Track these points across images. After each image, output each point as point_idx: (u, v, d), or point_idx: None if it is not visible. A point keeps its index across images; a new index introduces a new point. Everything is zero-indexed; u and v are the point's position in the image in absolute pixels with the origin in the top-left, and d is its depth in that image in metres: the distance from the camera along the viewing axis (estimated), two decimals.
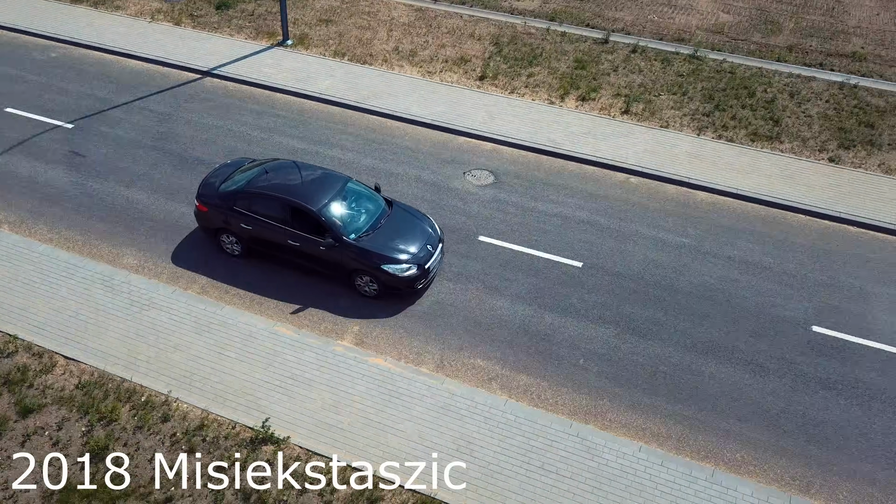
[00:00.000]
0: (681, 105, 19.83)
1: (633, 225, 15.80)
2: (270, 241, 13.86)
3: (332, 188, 13.84)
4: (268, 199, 13.63)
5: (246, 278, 14.12)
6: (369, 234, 13.56)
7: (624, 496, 10.49)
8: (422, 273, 13.38)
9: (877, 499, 10.73)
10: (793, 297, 14.08)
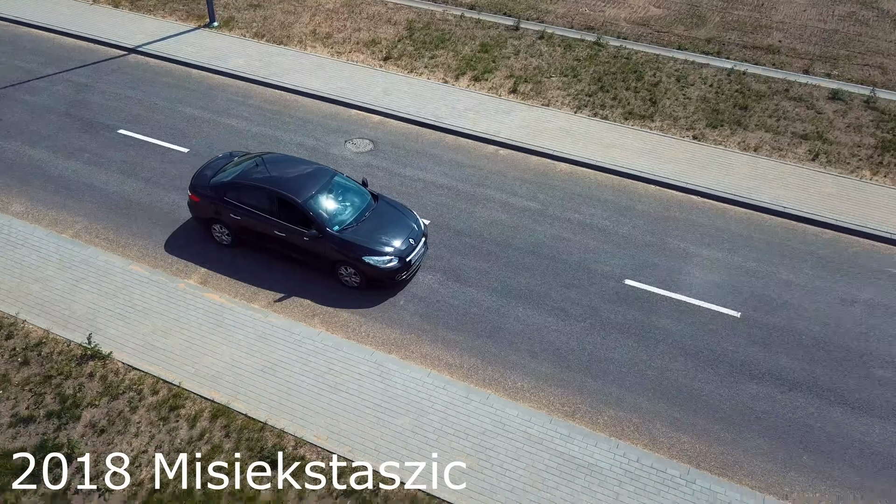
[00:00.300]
0: (568, 86, 21.02)
1: (488, 191, 17.03)
2: (258, 232, 14.33)
3: (318, 181, 14.25)
4: (256, 190, 14.11)
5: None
6: (353, 226, 13.94)
7: (399, 412, 11.74)
8: (403, 266, 13.77)
9: (634, 424, 11.85)
10: (616, 254, 15.22)
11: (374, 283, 13.94)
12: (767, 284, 14.59)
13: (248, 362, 12.48)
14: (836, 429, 11.88)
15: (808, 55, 24.23)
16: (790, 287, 14.55)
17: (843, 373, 12.80)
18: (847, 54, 25.13)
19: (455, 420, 11.65)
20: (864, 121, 19.97)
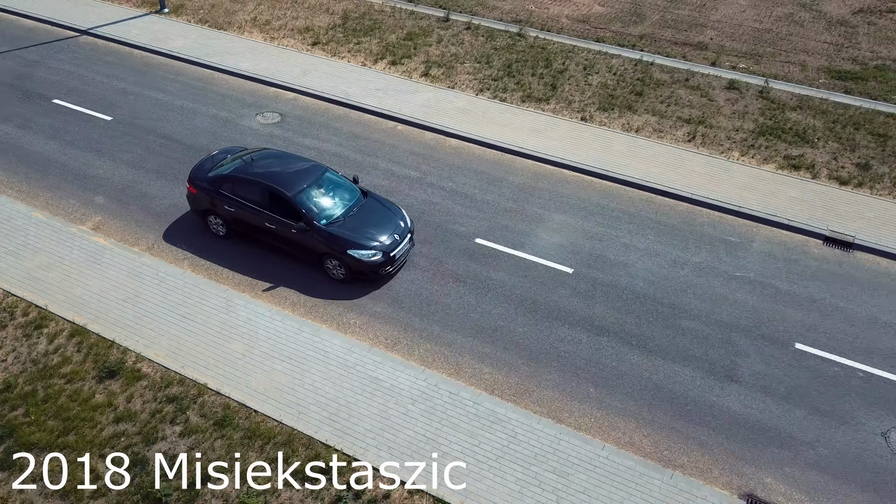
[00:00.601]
0: (478, 71, 22.47)
1: (376, 160, 18.52)
2: (250, 224, 14.95)
3: (308, 176, 14.83)
4: (249, 183, 14.72)
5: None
6: (340, 220, 14.45)
7: (235, 338, 13.24)
8: (387, 260, 14.25)
9: (444, 356, 13.20)
10: (475, 217, 16.60)
11: (358, 276, 14.42)
12: (608, 247, 15.85)
13: (114, 294, 14.11)
14: (629, 369, 13.11)
15: (735, 52, 25.36)
16: (628, 250, 15.80)
17: (651, 323, 14.02)
18: (773, 52, 26.20)
19: (283, 347, 13.13)
20: (751, 108, 21.10)
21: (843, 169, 18.49)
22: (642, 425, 12.11)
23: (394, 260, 14.45)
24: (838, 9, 30.14)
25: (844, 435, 12.02)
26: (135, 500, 10.63)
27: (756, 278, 15.14)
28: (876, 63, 25.29)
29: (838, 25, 28.49)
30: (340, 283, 14.69)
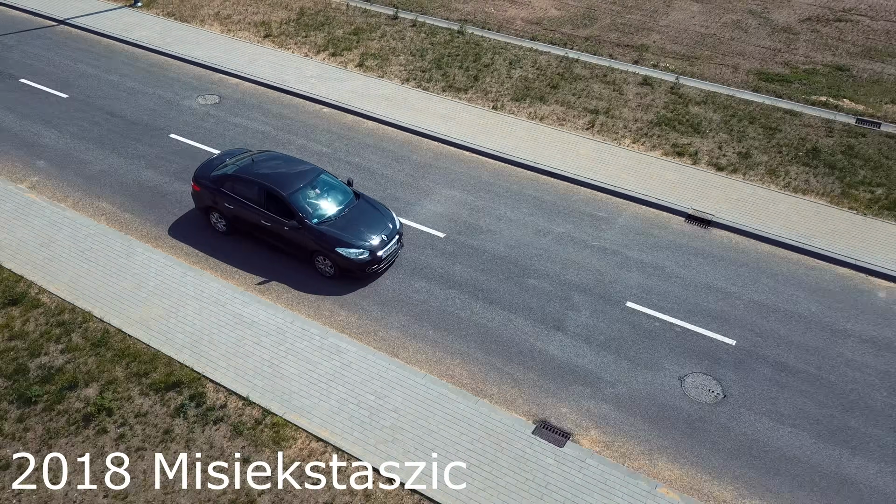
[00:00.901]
0: (410, 63, 24.33)
1: (294, 137, 20.46)
2: (248, 221, 15.80)
3: (304, 178, 15.66)
4: (248, 183, 15.58)
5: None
6: (331, 220, 15.21)
7: (127, 278, 15.21)
8: (373, 259, 15.00)
9: (308, 301, 14.99)
10: (370, 188, 18.34)
11: (346, 273, 15.17)
12: (483, 217, 17.53)
13: (32, 240, 16.19)
14: (469, 316, 14.75)
15: (674, 54, 26.81)
16: (500, 220, 17.45)
17: (501, 280, 15.65)
18: (710, 55, 27.62)
19: (166, 288, 15.05)
20: (657, 102, 22.60)
21: (724, 157, 19.91)
22: (467, 362, 13.75)
23: (380, 260, 15.15)
24: (786, 17, 31.40)
25: (645, 378, 13.52)
26: (10, 398, 12.60)
27: (610, 247, 16.68)
28: (807, 67, 26.55)
29: (782, 32, 29.77)
30: (329, 277, 15.42)
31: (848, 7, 32.76)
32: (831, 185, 18.90)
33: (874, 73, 26.29)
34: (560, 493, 11.37)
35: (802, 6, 32.85)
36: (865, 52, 28.12)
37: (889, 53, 28.05)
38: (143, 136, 20.24)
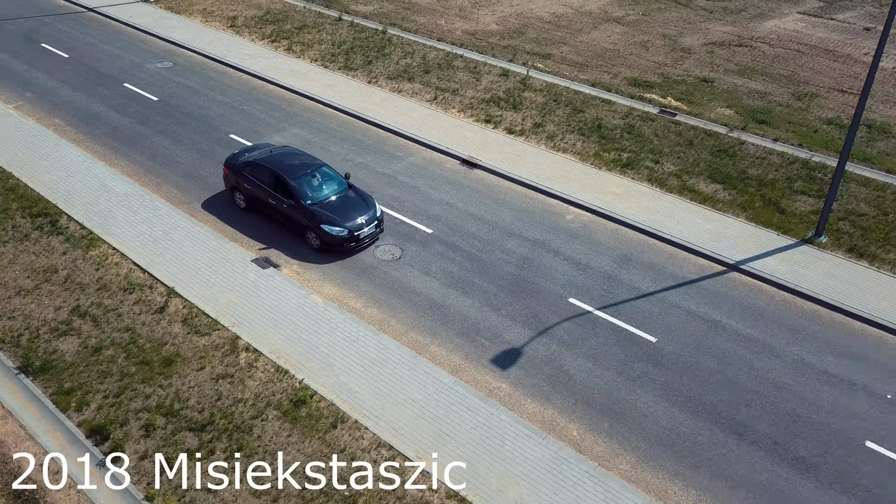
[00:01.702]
0: (327, 51, 31.42)
1: (212, 92, 27.83)
2: (260, 199, 19.45)
3: (307, 168, 19.25)
4: (263, 168, 19.39)
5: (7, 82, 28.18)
6: (321, 203, 18.57)
7: (161, 242, 22.81)
8: (351, 238, 18.24)
9: (177, 192, 22.03)
10: (240, 123, 25.33)
11: (328, 247, 18.36)
12: (313, 148, 24.06)
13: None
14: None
15: (570, 62, 32.44)
16: (324, 151, 23.92)
17: None
18: (601, 64, 33.15)
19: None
20: (501, 88, 28.50)
21: (520, 125, 25.61)
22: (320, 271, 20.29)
23: (357, 239, 18.38)
24: (693, 41, 36.33)
25: (363, 253, 19.50)
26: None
27: (392, 174, 22.82)
28: (677, 78, 31.59)
29: (679, 52, 34.83)
30: (316, 250, 18.90)
31: (757, 36, 37.28)
32: (590, 148, 24.24)
33: (733, 85, 30.99)
34: (261, 295, 17.64)
35: (716, 32, 37.63)
36: (740, 71, 32.74)
37: (760, 72, 32.56)
38: (105, 83, 28.22)
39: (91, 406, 14.44)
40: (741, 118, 27.58)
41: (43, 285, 17.65)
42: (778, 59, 34.31)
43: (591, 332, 16.72)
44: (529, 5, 40.58)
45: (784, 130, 26.80)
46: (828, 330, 17.04)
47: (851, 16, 40.27)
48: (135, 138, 24.35)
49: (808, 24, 39.22)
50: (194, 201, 21.12)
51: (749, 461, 13.87)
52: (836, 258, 19.23)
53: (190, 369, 15.34)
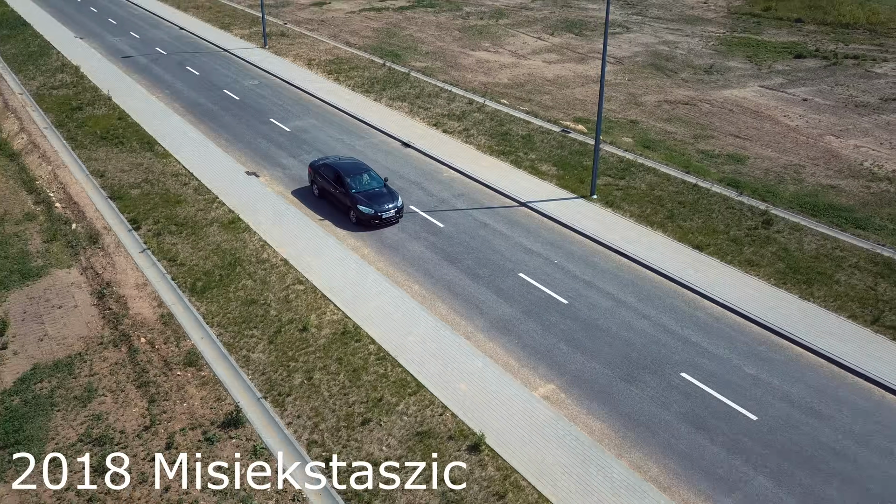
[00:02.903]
0: (362, 81, 46.43)
1: (274, 98, 43.56)
2: (325, 189, 29.36)
3: (357, 170, 29.13)
4: (330, 168, 29.36)
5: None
6: (363, 193, 27.99)
7: (264, 210, 39.29)
8: (375, 216, 27.34)
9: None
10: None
11: (361, 222, 27.57)
12: (310, 135, 38.64)
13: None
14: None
15: (538, 103, 45.44)
16: (317, 139, 38.39)
17: (294, 145, 36.72)
18: (562, 107, 45.54)
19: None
20: (458, 110, 41.80)
21: (454, 129, 38.65)
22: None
23: (380, 218, 27.50)
24: (651, 99, 47.58)
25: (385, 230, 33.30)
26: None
27: (358, 147, 36.72)
28: (613, 119, 43.30)
29: (633, 105, 46.36)
30: (355, 223, 28.30)
31: (706, 99, 47.75)
32: (488, 143, 36.76)
33: (652, 126, 42.11)
34: (244, 191, 32.03)
35: (675, 94, 48.53)
36: (668, 119, 43.69)
37: (683, 121, 43.19)
38: (213, 90, 44.95)
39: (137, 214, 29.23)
40: (635, 143, 38.68)
41: (135, 169, 33.19)
42: (708, 114, 44.68)
43: (412, 220, 29.18)
44: (543, 69, 53.59)
45: (657, 152, 37.51)
46: (570, 243, 28.22)
47: (802, 90, 49.30)
48: (215, 115, 40.38)
49: (759, 94, 48.87)
50: (236, 151, 36.28)
51: (478, 293, 25.64)
52: (596, 207, 30.26)
53: (248, 270, 29.75)
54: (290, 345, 21.52)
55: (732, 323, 22.96)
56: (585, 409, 19.30)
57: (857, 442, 18.30)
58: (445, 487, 16.63)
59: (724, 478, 17.28)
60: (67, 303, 23.45)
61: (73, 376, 20.00)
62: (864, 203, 31.80)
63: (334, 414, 18.90)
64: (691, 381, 20.27)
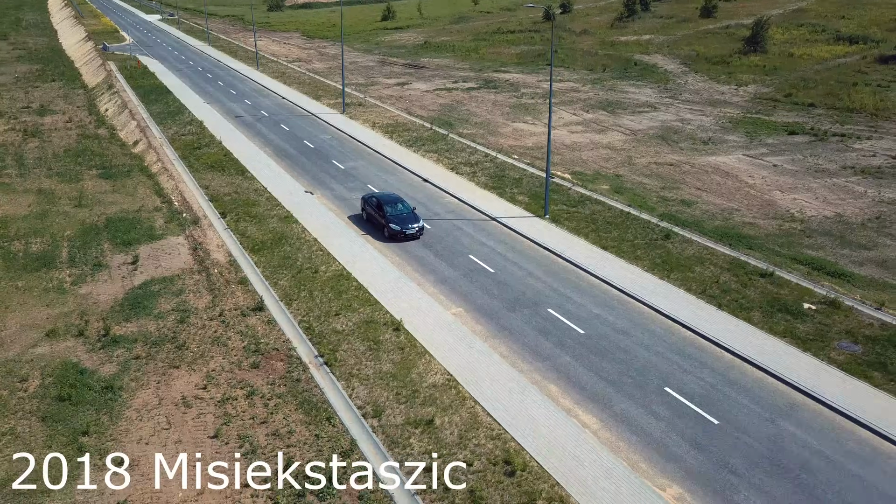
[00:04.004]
0: (408, 139, 61.04)
1: (337, 145, 58.71)
2: (370, 213, 40.16)
3: (393, 201, 39.93)
4: (374, 199, 40.28)
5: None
6: (393, 216, 38.41)
7: (316, 214, 55.01)
8: (401, 232, 37.94)
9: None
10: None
11: (392, 238, 38.10)
12: (358, 166, 53.06)
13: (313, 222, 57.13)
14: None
15: (548, 160, 58.49)
16: (367, 171, 52.75)
17: (332, 156, 51.17)
18: (566, 163, 58.25)
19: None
20: (473, 159, 55.21)
21: (464, 171, 51.95)
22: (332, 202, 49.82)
23: (405, 233, 38.11)
24: (644, 161, 59.52)
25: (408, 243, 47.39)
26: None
27: (392, 182, 50.72)
28: (603, 173, 55.58)
29: (626, 164, 58.44)
30: (387, 238, 39.19)
31: (690, 161, 58.94)
32: (487, 182, 49.71)
33: (630, 179, 54.02)
34: (300, 202, 46.56)
35: (666, 157, 60.09)
36: (649, 175, 55.38)
37: (661, 177, 54.75)
38: (295, 140, 60.67)
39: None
40: (610, 189, 50.57)
41: (229, 185, 48.44)
42: (685, 173, 55.89)
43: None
44: (564, 137, 66.31)
45: (623, 195, 49.07)
46: (514, 241, 40.50)
47: (777, 159, 59.31)
48: (292, 156, 55.71)
49: (738, 160, 59.35)
50: (301, 178, 51.11)
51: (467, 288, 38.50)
52: (544, 222, 42.36)
53: (289, 243, 44.34)
54: (304, 279, 34.86)
55: (599, 288, 34.34)
56: (475, 321, 31.25)
57: (645, 347, 29.21)
58: (375, 344, 29.07)
59: (545, 356, 28.63)
60: (175, 252, 37.94)
61: (172, 283, 34.12)
62: (768, 234, 42.18)
63: (320, 310, 31.87)
64: (553, 314, 31.79)
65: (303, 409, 24.87)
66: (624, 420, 24.67)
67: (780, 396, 26.01)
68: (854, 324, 30.80)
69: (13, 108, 76.83)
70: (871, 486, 21.86)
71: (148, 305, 31.92)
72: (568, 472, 22.00)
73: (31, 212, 44.41)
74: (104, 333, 29.42)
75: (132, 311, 31.51)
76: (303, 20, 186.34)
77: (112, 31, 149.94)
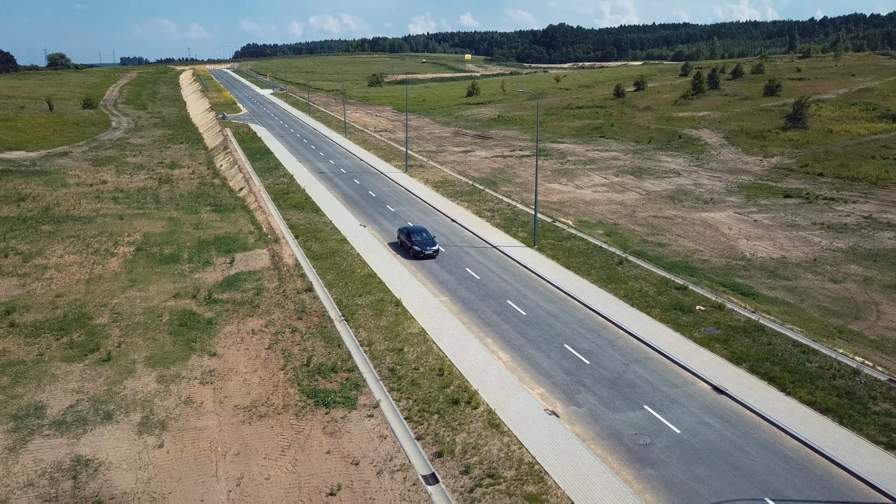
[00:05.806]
0: (451, 192, 77.38)
1: (392, 195, 75.72)
2: (402, 240, 56.34)
3: (421, 232, 55.71)
4: (406, 230, 56.33)
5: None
6: (417, 241, 54.49)
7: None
8: (421, 252, 54.01)
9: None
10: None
11: (415, 257, 54.24)
12: (407, 212, 69.64)
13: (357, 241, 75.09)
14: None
15: (563, 212, 73.47)
16: (424, 219, 69.25)
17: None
18: (577, 214, 72.98)
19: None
20: (497, 207, 70.73)
21: (485, 215, 67.52)
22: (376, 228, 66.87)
23: (425, 254, 54.24)
24: (646, 214, 73.41)
25: (426, 262, 63.89)
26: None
27: (429, 221, 66.97)
28: (605, 221, 70.10)
29: (629, 216, 72.58)
30: (411, 257, 55.45)
31: (684, 216, 72.28)
32: (500, 223, 65.01)
33: (625, 227, 68.14)
34: (355, 231, 63.51)
35: (667, 212, 73.62)
36: (642, 224, 69.16)
37: (653, 227, 68.46)
38: (360, 190, 78.19)
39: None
40: (603, 233, 64.68)
41: (305, 219, 66.13)
42: (676, 224, 69.16)
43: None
44: (585, 195, 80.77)
45: (612, 238, 62.98)
46: (504, 262, 55.56)
47: (761, 216, 71.02)
48: (356, 201, 73.02)
49: (727, 216, 71.73)
50: (359, 215, 68.18)
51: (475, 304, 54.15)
52: (532, 251, 57.12)
53: (340, 256, 61.51)
54: (343, 275, 51.16)
55: (551, 291, 48.69)
56: (453, 304, 46.31)
57: (564, 324, 43.36)
58: (379, 312, 44.78)
59: (492, 325, 43.17)
60: (259, 258, 55.17)
61: (255, 275, 51.14)
62: (713, 268, 55.12)
63: (350, 292, 47.86)
64: (509, 304, 46.36)
65: (324, 340, 40.51)
66: (527, 357, 38.85)
67: (641, 352, 39.50)
68: (727, 319, 43.72)
69: (151, 163, 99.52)
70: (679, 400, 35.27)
71: (237, 285, 48.85)
72: (476, 377, 36.38)
73: (164, 230, 63.25)
74: (208, 297, 46.36)
75: (227, 287, 48.49)
76: (397, 95, 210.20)
77: (231, 103, 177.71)
